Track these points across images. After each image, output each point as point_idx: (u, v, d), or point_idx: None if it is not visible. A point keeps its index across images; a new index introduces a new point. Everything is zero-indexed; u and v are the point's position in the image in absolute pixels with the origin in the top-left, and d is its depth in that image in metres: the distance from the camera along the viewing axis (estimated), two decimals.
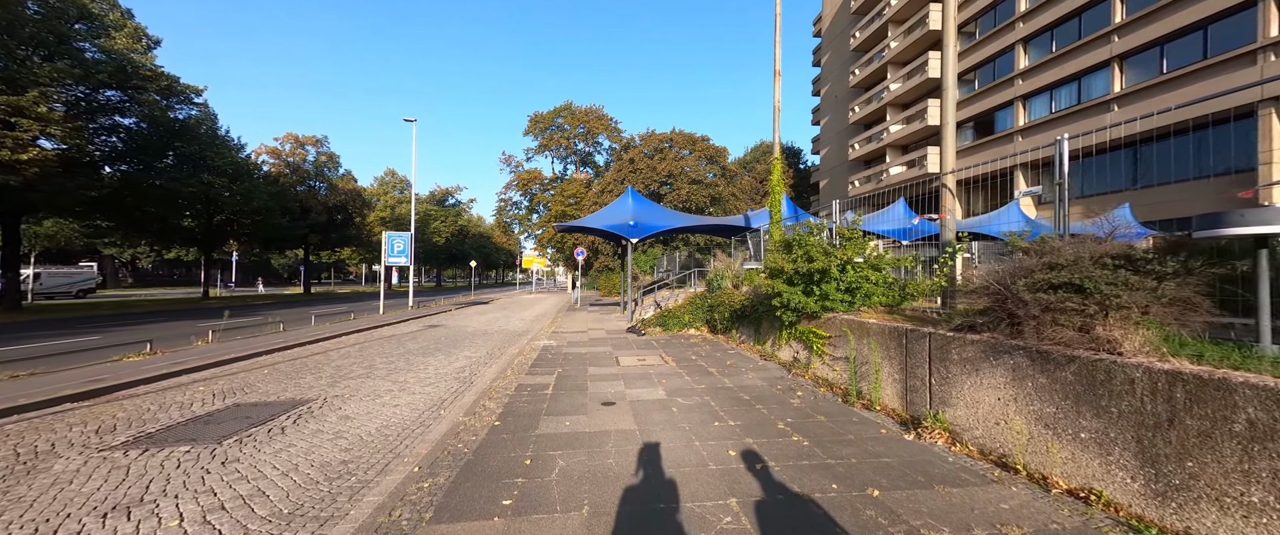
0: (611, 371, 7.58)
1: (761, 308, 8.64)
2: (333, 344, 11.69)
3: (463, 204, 69.53)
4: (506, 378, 7.16)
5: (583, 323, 15.53)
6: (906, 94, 28.97)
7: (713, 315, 11.50)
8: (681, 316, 12.48)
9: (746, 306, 9.42)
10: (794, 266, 6.73)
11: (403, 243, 21.59)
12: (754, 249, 13.45)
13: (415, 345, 11.36)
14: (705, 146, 39.32)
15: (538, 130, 48.42)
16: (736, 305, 9.93)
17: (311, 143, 38.06)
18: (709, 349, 9.62)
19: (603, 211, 16.16)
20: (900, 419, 4.71)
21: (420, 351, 10.35)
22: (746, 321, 9.63)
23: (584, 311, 20.39)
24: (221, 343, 11.26)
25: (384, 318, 18.22)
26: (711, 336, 11.50)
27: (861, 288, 6.14)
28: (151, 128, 20.40)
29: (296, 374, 8.00)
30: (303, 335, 12.55)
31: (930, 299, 6.08)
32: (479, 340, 12.30)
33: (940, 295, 5.66)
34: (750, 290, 10.28)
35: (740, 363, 8.04)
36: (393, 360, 9.25)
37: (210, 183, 21.96)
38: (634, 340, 11.22)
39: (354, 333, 13.79)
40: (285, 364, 8.92)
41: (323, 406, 5.98)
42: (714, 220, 16.01)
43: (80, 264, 54.02)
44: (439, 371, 8.14)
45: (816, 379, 6.43)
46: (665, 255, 33.36)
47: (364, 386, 7.06)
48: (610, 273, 39.06)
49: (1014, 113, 22.39)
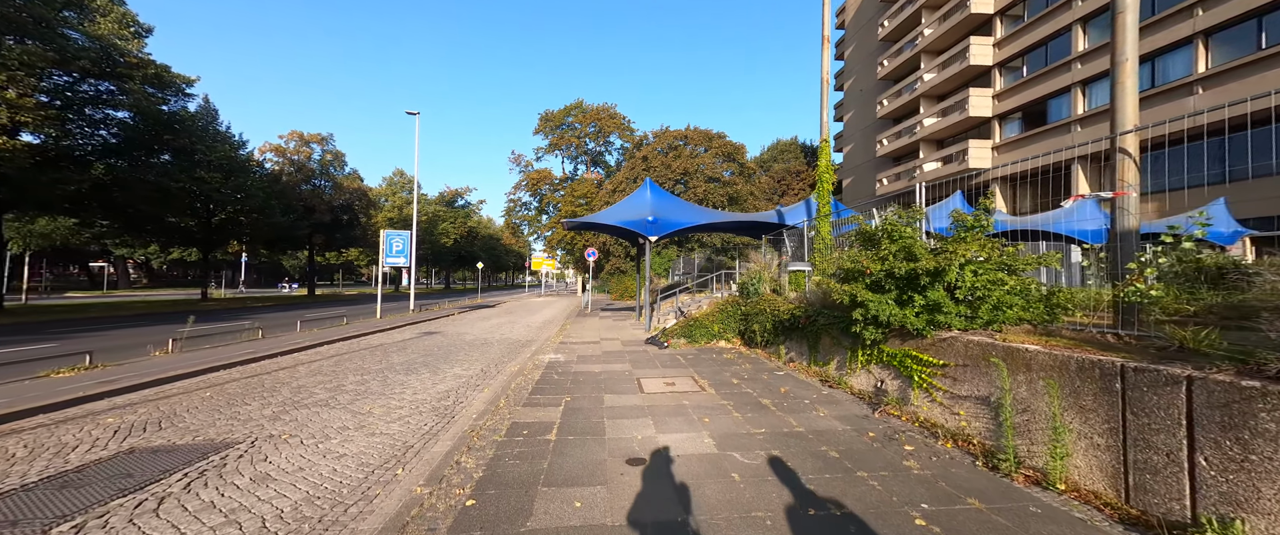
0: (634, 402, 5.86)
1: (820, 319, 6.87)
2: (309, 355, 10.16)
3: (472, 205, 68.52)
4: (498, 411, 5.49)
5: (594, 331, 13.85)
6: (942, 85, 26.91)
7: (749, 326, 9.73)
8: (709, 326, 10.73)
9: (796, 317, 7.64)
10: (883, 267, 4.96)
11: (402, 242, 20.16)
12: (794, 249, 11.65)
13: (401, 358, 9.77)
14: (722, 143, 37.55)
15: (548, 129, 47.08)
16: (782, 315, 8.16)
17: (316, 140, 37.08)
18: (750, 368, 7.86)
19: (617, 206, 14.48)
20: (1117, 513, 2.91)
21: (404, 367, 8.74)
22: (796, 335, 7.85)
23: (595, 317, 18.73)
24: (182, 353, 9.80)
25: (378, 323, 16.75)
26: (747, 351, 9.72)
27: (990, 297, 4.35)
28: (138, 120, 19.26)
29: (242, 398, 6.42)
30: (278, 344, 11.06)
31: (1094, 314, 4.27)
32: (475, 353, 10.68)
33: (1116, 310, 3.85)
34: (799, 297, 8.49)
35: (797, 390, 6.27)
36: (366, 380, 7.64)
37: (202, 178, 20.76)
38: (655, 355, 9.49)
39: (338, 341, 12.27)
40: (237, 383, 7.36)
41: (242, 457, 4.35)
42: (744, 216, 14.24)
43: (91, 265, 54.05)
44: (417, 398, 6.50)
45: (923, 424, 4.64)
46: (681, 257, 31.61)
47: (314, 421, 5.44)
48: (622, 276, 37.41)
49: (1071, 100, 20.27)
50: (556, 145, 47.37)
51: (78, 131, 18.48)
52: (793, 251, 11.87)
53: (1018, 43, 22.83)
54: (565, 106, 47.19)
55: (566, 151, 48.38)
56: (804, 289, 8.97)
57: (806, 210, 13.65)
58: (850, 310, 5.48)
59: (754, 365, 8.12)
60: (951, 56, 25.73)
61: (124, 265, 62.45)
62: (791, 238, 12.02)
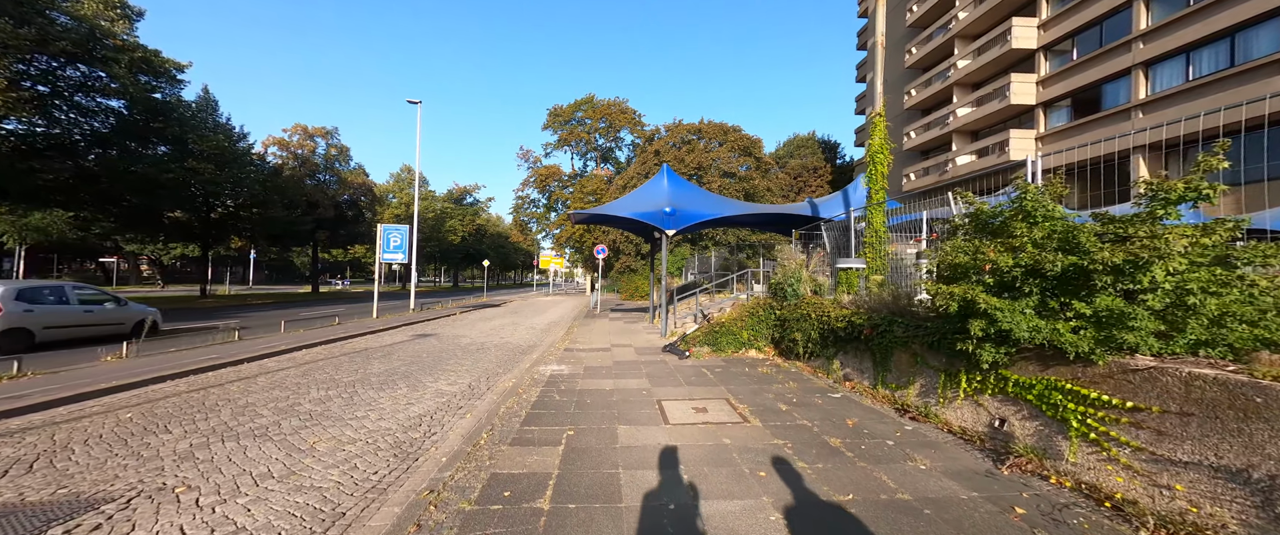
0: (658, 440, 4.42)
1: (895, 330, 5.36)
2: (279, 362, 8.89)
3: (480, 202, 67.61)
4: (477, 452, 4.09)
5: (604, 335, 12.45)
6: (979, 71, 25.04)
7: (787, 333, 8.24)
8: (737, 333, 9.25)
9: (857, 326, 6.13)
10: (1019, 262, 3.46)
11: (400, 237, 18.94)
12: (833, 244, 10.12)
13: (381, 367, 8.45)
14: (738, 137, 35.97)
15: (557, 124, 45.84)
16: (834, 323, 6.65)
17: (321, 134, 36.21)
18: (796, 388, 6.38)
19: (630, 196, 13.06)
20: None
21: (381, 379, 7.41)
22: (855, 348, 6.35)
23: (604, 319, 17.33)
24: (137, 359, 8.59)
25: (372, 323, 15.54)
26: (785, 363, 8.23)
27: (1204, 307, 2.83)
28: (128, 107, 18.28)
29: (165, 423, 5.12)
30: (250, 348, 9.83)
31: None
32: (468, 361, 9.33)
33: None
34: (853, 301, 6.97)
35: (871, 423, 4.78)
36: (330, 396, 6.31)
37: (194, 169, 19.75)
38: (676, 367, 8.04)
39: (321, 344, 11.02)
40: (174, 399, 6.07)
41: (96, 531, 3.00)
42: (772, 208, 12.71)
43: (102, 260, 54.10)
44: (380, 427, 5.13)
45: (1094, 493, 3.12)
46: (695, 255, 30.09)
47: (234, 462, 4.09)
48: (633, 274, 36.00)
49: (1131, 84, 18.37)
50: (566, 141, 46.12)
51: (65, 119, 17.55)
52: (832, 247, 10.35)
53: (1067, 23, 20.93)
54: (575, 101, 45.94)
55: (576, 147, 47.14)
56: (856, 290, 7.46)
57: (844, 201, 12.11)
58: (955, 320, 3.99)
59: (800, 384, 6.63)
60: (990, 40, 23.87)
61: (135, 261, 62.66)
62: (830, 231, 10.50)
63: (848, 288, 7.50)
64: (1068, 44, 21.32)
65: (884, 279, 6.87)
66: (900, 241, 8.95)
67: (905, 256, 7.56)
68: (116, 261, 50.16)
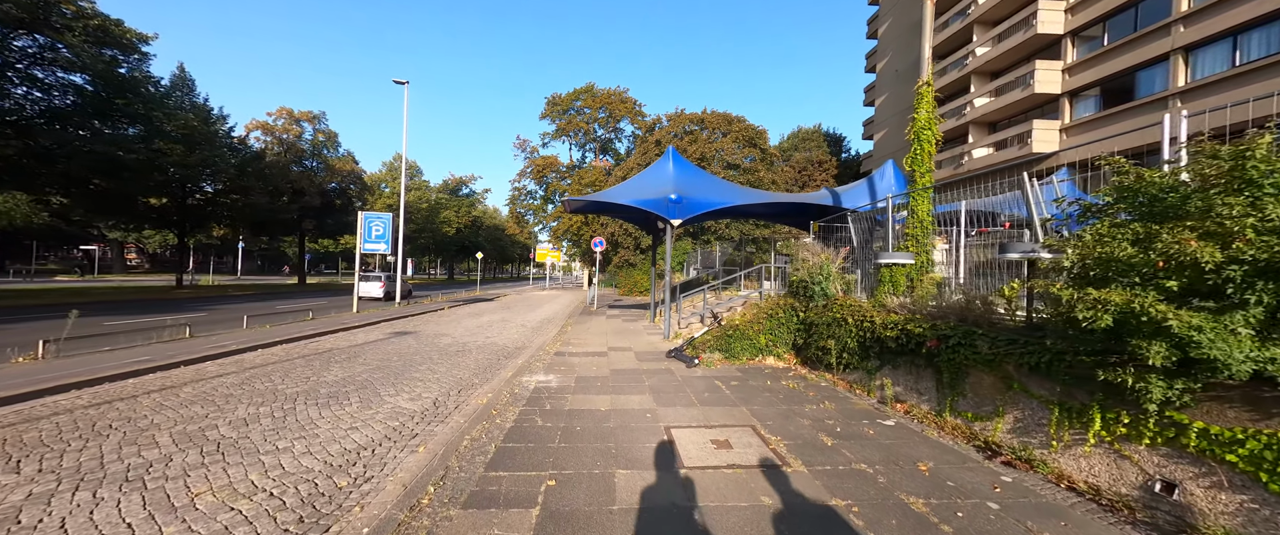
0: (671, 497, 3.21)
1: (975, 344, 4.15)
2: (220, 366, 7.64)
3: (477, 194, 66.15)
4: (416, 517, 2.87)
5: (600, 335, 11.24)
6: (999, 59, 23.77)
7: (815, 340, 7.04)
8: (753, 337, 8.04)
9: (914, 335, 4.92)
10: (1236, 255, 2.24)
11: (383, 226, 17.67)
12: (862, 237, 8.89)
13: (339, 374, 7.22)
14: (743, 127, 34.66)
15: (555, 114, 44.39)
16: (882, 331, 5.44)
17: (307, 118, 34.67)
18: (835, 410, 5.18)
19: (633, 181, 11.79)
20: None
21: (331, 392, 6.17)
22: (907, 362, 5.14)
23: (601, 316, 16.12)
24: (56, 360, 7.36)
25: (348, 319, 14.28)
26: (811, 375, 7.03)
27: None
28: (88, 82, 16.85)
29: (13, 459, 3.88)
30: (196, 348, 8.58)
31: None
32: (443, 366, 8.10)
33: None
34: (905, 305, 5.75)
35: (948, 467, 3.58)
36: (256, 418, 5.07)
37: (161, 150, 18.34)
38: (685, 377, 6.83)
39: (280, 344, 9.77)
40: (54, 419, 4.82)
41: None
42: (790, 197, 11.48)
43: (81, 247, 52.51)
44: (296, 469, 3.90)
45: None
46: (697, 250, 28.86)
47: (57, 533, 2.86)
48: (631, 269, 34.79)
49: (1169, 70, 17.12)
50: (563, 131, 44.68)
51: (16, 93, 16.12)
52: (860, 241, 9.12)
53: (1098, 6, 19.63)
54: (574, 90, 44.49)
55: (574, 137, 45.71)
56: (902, 290, 6.24)
57: (869, 190, 10.90)
58: (1102, 339, 2.77)
59: (838, 404, 5.43)
60: (1012, 26, 22.57)
61: (121, 249, 61.08)
62: (857, 223, 9.26)
63: (892, 287, 6.28)
64: (1098, 29, 20.04)
65: (942, 277, 5.65)
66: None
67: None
68: (97, 249, 48.60)
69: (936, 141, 7.13)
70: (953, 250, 6.93)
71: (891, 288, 6.25)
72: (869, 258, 8.09)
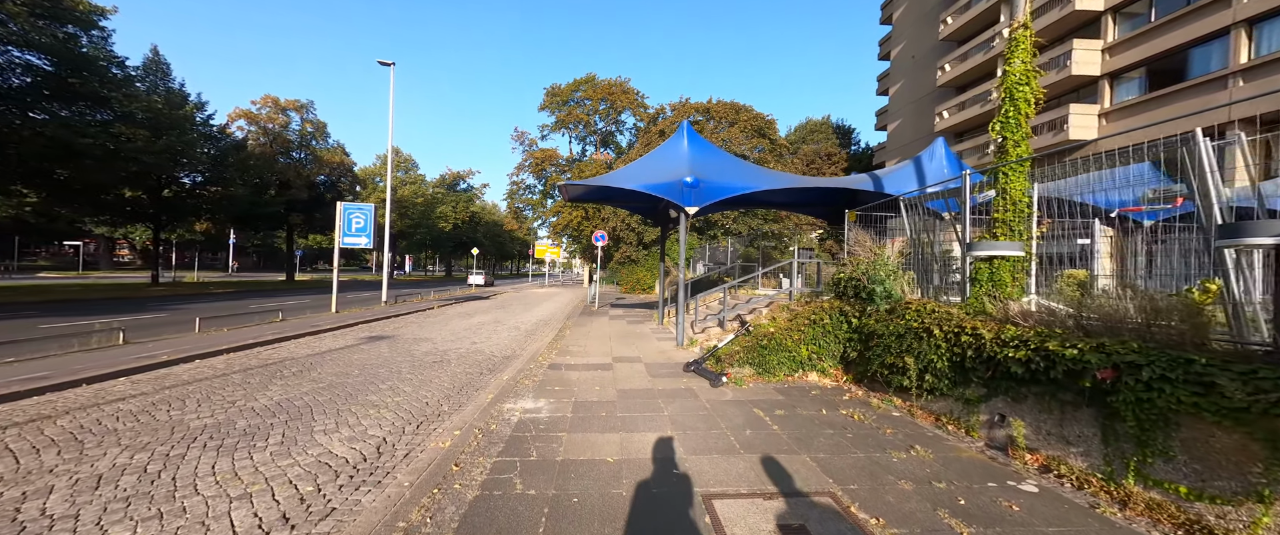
0: None
1: (1181, 377, 2.62)
2: (132, 384, 6.14)
3: (474, 189, 64.51)
4: None
5: (603, 340, 9.74)
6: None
7: (877, 355, 5.52)
8: (792, 348, 6.53)
9: (1056, 359, 3.40)
10: None
11: (364, 217, 16.15)
12: (915, 227, 7.35)
13: (277, 396, 5.72)
14: (750, 116, 33.09)
15: (555, 105, 42.74)
16: (999, 350, 3.91)
17: (294, 107, 33.05)
18: (934, 459, 3.69)
19: (639, 164, 10.25)
20: None
21: (248, 427, 4.67)
22: (1049, 397, 3.62)
23: (603, 317, 14.63)
24: None
25: (322, 320, 12.80)
26: (870, 398, 5.52)
27: None
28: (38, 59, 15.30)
29: None
30: (109, 361, 7.08)
31: None
32: (410, 384, 6.60)
33: None
34: (1027, 313, 4.21)
35: None
36: (112, 479, 3.57)
37: (121, 134, 16.77)
38: (711, 401, 5.33)
39: (225, 352, 8.28)
40: None
41: None
42: (825, 181, 9.94)
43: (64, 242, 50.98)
44: None
45: None
46: (704, 245, 27.32)
47: None
48: (634, 266, 33.31)
49: (1228, 47, 15.53)
50: (563, 123, 43.03)
51: None
52: (914, 232, 7.57)
53: None
54: (574, 80, 42.85)
55: (573, 130, 44.06)
56: (1008, 291, 4.73)
57: (916, 172, 9.37)
58: None
59: (935, 451, 3.92)
60: (1046, 2, 20.93)
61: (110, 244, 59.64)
62: (912, 211, 7.71)
63: (994, 287, 4.76)
64: (1143, 4, 18.43)
65: (1087, 276, 4.14)
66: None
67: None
68: (82, 244, 47.06)
69: (1035, 101, 5.60)
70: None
71: (994, 287, 4.73)
72: (928, 251, 6.59)
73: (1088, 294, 3.92)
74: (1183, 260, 3.82)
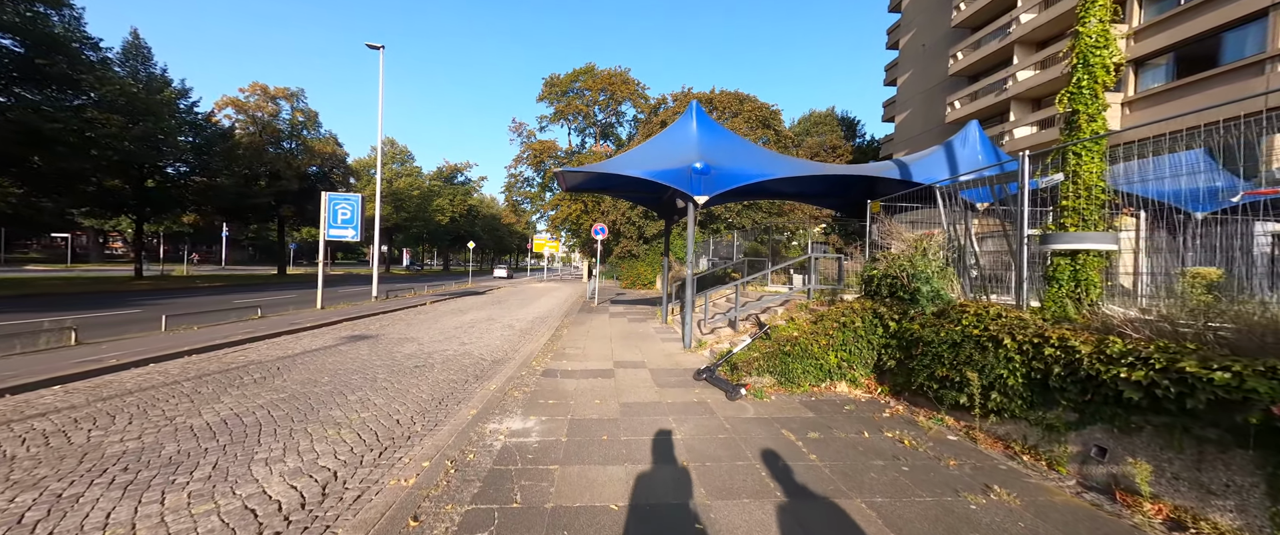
0: None
1: None
2: (66, 393, 5.33)
3: (472, 182, 63.43)
4: None
5: (603, 341, 8.94)
6: (1047, 26, 21.23)
7: (923, 365, 4.73)
8: (819, 355, 5.73)
9: (1195, 384, 2.61)
10: None
11: (351, 208, 15.29)
12: (950, 218, 6.54)
13: (226, 409, 4.92)
14: (755, 106, 32.15)
15: (553, 96, 41.70)
16: (1102, 368, 3.12)
17: (284, 96, 32.02)
18: (1021, 507, 2.90)
19: (642, 148, 9.41)
20: None
21: (173, 456, 3.87)
22: (1170, 428, 2.83)
23: (603, 315, 13.84)
24: None
25: (303, 318, 11.99)
26: (915, 415, 4.74)
27: None
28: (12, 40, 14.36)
29: None
30: (47, 367, 6.26)
31: None
32: (383, 395, 5.81)
33: None
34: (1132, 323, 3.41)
35: None
36: None
37: (98, 120, 15.85)
38: (730, 419, 4.54)
39: (185, 354, 7.48)
40: None
41: None
42: (850, 169, 9.06)
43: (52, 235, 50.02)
44: None
45: None
46: (708, 240, 26.48)
47: None
48: (634, 260, 32.50)
49: (1268, 30, 14.65)
50: (562, 114, 42.00)
51: None
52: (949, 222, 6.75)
53: None
54: (573, 71, 41.74)
55: (573, 121, 43.05)
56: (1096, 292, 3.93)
57: (947, 158, 8.56)
58: None
59: (1020, 493, 3.13)
60: None
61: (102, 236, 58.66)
62: (949, 201, 6.89)
63: (1079, 287, 3.96)
64: None
65: (1220, 276, 3.33)
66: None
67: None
68: (72, 236, 46.14)
69: (1113, 67, 4.78)
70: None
71: (1077, 287, 3.93)
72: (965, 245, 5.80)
73: (1224, 298, 3.12)
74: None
